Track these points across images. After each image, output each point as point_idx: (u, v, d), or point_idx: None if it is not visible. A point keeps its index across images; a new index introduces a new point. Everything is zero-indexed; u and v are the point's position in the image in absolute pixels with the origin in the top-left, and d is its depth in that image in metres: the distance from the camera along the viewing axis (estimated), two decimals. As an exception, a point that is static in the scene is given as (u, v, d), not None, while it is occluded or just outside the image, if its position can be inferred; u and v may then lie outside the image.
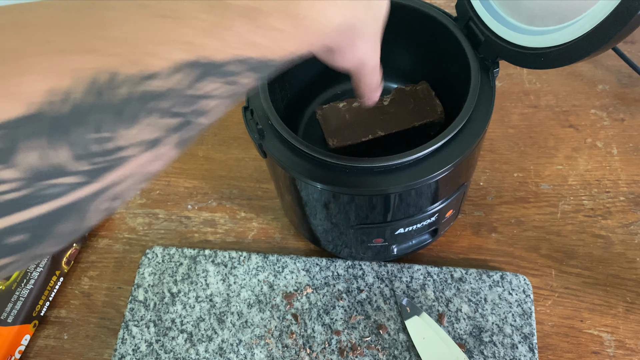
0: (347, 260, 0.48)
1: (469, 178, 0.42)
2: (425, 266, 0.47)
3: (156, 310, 0.47)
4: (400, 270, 0.47)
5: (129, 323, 0.47)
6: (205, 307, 0.47)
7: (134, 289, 0.48)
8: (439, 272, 0.46)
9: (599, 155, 0.53)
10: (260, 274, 0.48)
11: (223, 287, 0.48)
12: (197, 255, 0.49)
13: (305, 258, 0.48)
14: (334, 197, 0.36)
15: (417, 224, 0.40)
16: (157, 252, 0.50)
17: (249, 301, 0.47)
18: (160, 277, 0.49)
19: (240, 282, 0.48)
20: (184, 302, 0.47)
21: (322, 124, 0.44)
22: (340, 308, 0.46)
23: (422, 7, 0.40)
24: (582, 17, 0.29)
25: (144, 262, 0.49)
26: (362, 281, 0.47)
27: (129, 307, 0.47)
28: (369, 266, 0.47)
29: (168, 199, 0.55)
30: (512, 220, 0.50)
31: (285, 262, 0.48)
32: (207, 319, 0.46)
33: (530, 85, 0.59)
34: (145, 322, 0.47)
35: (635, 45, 0.61)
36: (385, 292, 0.46)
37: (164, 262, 0.49)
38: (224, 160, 0.57)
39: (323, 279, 0.47)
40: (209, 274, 0.48)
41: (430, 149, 0.34)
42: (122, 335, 0.46)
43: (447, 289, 0.46)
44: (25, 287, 0.47)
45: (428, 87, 0.45)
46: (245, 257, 0.49)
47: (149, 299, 0.48)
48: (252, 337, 0.45)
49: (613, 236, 0.48)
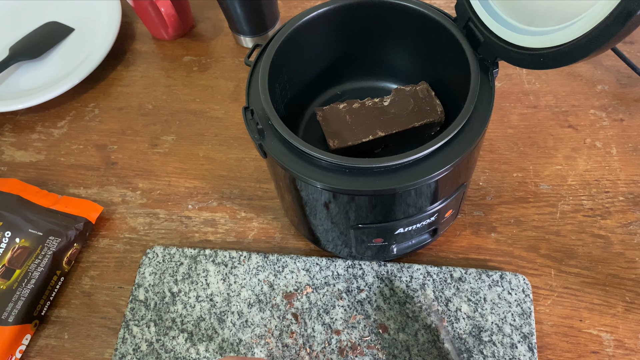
0: (347, 260, 0.48)
1: (469, 178, 0.42)
2: (425, 266, 0.47)
3: (157, 309, 0.47)
4: (400, 270, 0.47)
5: (130, 322, 0.47)
6: (206, 306, 0.47)
7: (135, 288, 0.48)
8: (439, 272, 0.46)
9: (598, 156, 0.53)
10: (260, 274, 0.48)
11: (223, 287, 0.48)
12: (197, 255, 0.49)
13: (305, 258, 0.48)
14: (334, 197, 0.36)
15: (416, 224, 0.40)
16: (158, 251, 0.50)
17: (249, 301, 0.47)
18: (161, 277, 0.49)
19: (241, 282, 0.48)
20: (185, 301, 0.47)
21: (323, 125, 0.44)
22: (340, 307, 0.46)
23: (421, 8, 0.41)
24: (581, 17, 0.29)
25: (144, 262, 0.50)
26: (362, 281, 0.47)
27: (129, 306, 0.47)
28: (368, 266, 0.47)
29: (168, 198, 0.55)
30: (512, 220, 0.50)
31: (286, 262, 0.48)
32: (207, 319, 0.46)
33: (530, 85, 0.59)
34: (146, 322, 0.47)
35: (635, 45, 0.61)
36: (385, 291, 0.46)
37: (165, 262, 0.49)
38: (225, 160, 0.57)
39: (323, 278, 0.47)
40: (209, 273, 0.48)
41: (429, 149, 0.34)
42: (123, 335, 0.46)
43: (447, 288, 0.46)
44: (26, 287, 0.47)
45: (428, 87, 0.45)
46: (246, 257, 0.49)
47: (149, 299, 0.48)
48: (252, 337, 0.45)
49: (612, 236, 0.48)
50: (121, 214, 0.54)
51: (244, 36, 0.65)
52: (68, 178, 0.57)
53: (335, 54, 0.47)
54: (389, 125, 0.43)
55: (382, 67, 0.49)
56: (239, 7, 0.60)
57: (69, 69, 0.65)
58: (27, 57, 0.66)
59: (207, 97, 0.62)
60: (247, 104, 0.39)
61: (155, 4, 0.62)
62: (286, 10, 0.69)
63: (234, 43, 0.67)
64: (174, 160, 0.58)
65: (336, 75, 0.49)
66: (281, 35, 0.40)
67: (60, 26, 0.69)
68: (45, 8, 0.71)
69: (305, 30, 0.42)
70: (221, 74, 0.64)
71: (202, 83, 0.64)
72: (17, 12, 0.71)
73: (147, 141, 0.59)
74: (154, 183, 0.56)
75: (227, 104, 0.62)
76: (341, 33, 0.45)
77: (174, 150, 0.58)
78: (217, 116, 0.61)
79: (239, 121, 0.60)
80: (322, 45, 0.45)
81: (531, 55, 0.33)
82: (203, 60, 0.66)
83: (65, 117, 0.63)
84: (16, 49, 0.66)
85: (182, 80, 0.64)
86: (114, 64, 0.67)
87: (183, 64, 0.66)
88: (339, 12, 0.42)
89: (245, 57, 0.41)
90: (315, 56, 0.46)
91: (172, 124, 0.60)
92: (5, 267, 0.48)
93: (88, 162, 0.59)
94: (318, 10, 0.42)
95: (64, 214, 0.52)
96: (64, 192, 0.56)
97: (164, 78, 0.65)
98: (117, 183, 0.57)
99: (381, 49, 0.47)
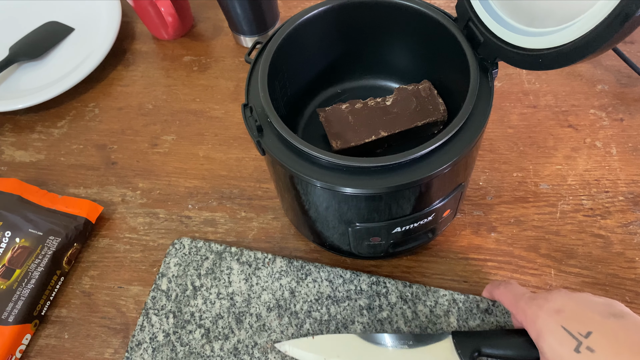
0: (371, 276, 0.46)
1: (467, 178, 0.42)
2: (452, 292, 0.45)
3: (177, 301, 0.47)
4: (425, 294, 0.45)
5: (150, 311, 0.47)
6: (226, 304, 0.47)
7: (158, 277, 0.48)
8: (465, 300, 0.45)
9: (598, 155, 0.53)
10: (283, 279, 0.47)
11: (245, 287, 0.47)
12: (223, 252, 0.49)
13: (329, 268, 0.47)
14: (331, 196, 0.36)
15: (414, 223, 0.40)
16: (185, 243, 0.50)
17: (268, 304, 0.46)
18: (185, 269, 0.49)
19: (263, 284, 0.47)
20: (205, 297, 0.47)
21: (326, 126, 0.44)
22: (360, 324, 0.44)
23: (422, 7, 0.41)
24: (580, 18, 0.29)
25: (170, 252, 0.50)
26: (384, 299, 0.45)
27: (150, 294, 0.47)
28: (393, 285, 0.46)
29: (168, 198, 0.55)
30: (512, 220, 0.50)
31: (309, 270, 0.47)
32: (225, 317, 0.46)
33: (530, 85, 0.59)
34: (165, 312, 0.47)
35: (635, 45, 0.61)
36: (408, 314, 0.45)
37: (191, 254, 0.49)
38: (225, 160, 0.57)
39: (345, 292, 0.46)
40: (232, 271, 0.48)
41: (428, 149, 0.34)
42: (142, 322, 0.46)
43: (472, 318, 0.44)
44: (26, 287, 0.47)
45: (430, 86, 0.45)
46: (270, 260, 0.48)
47: (171, 289, 0.48)
48: (267, 341, 0.44)
49: (612, 236, 0.48)
50: (121, 214, 0.54)
51: (244, 36, 0.65)
52: (68, 178, 0.58)
53: (335, 52, 0.47)
54: (391, 125, 0.43)
55: (382, 65, 0.49)
56: (239, 6, 0.60)
57: (68, 68, 0.65)
58: (27, 57, 0.66)
59: (207, 97, 0.62)
60: (246, 101, 0.39)
61: (155, 4, 0.62)
62: (286, 10, 0.69)
63: (234, 43, 0.67)
64: (174, 160, 0.58)
65: (336, 74, 0.49)
66: (282, 33, 0.40)
67: (60, 26, 0.69)
68: (45, 8, 0.71)
69: (306, 28, 0.42)
70: (221, 73, 0.64)
71: (202, 83, 0.64)
72: (17, 12, 0.71)
73: (147, 141, 0.59)
74: (154, 183, 0.56)
75: (227, 103, 0.62)
76: (342, 31, 0.45)
77: (174, 150, 0.58)
78: (217, 116, 0.61)
79: (239, 121, 0.60)
80: (323, 43, 0.45)
81: (530, 56, 0.33)
82: (203, 60, 0.66)
83: (65, 117, 0.63)
84: (16, 49, 0.66)
85: (182, 80, 0.64)
86: (114, 63, 0.67)
87: (183, 64, 0.66)
88: (339, 11, 0.42)
89: (246, 54, 0.41)
90: (315, 54, 0.46)
91: (172, 124, 0.61)
92: (5, 266, 0.48)
93: (88, 162, 0.59)
94: (319, 8, 0.42)
95: (64, 213, 0.52)
96: (64, 192, 0.56)
97: (164, 78, 0.65)
98: (117, 183, 0.57)
99: (381, 47, 0.47)
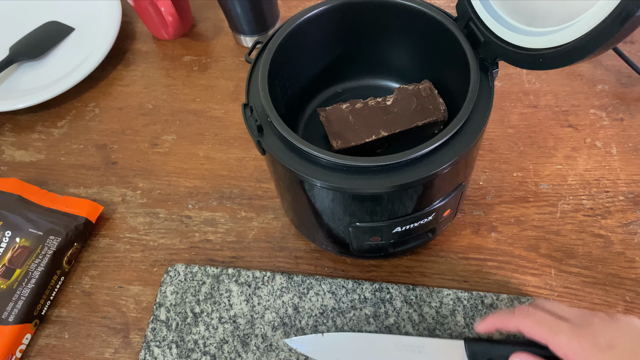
0: (373, 283, 0.46)
1: (467, 178, 0.42)
2: (455, 291, 0.45)
3: (178, 330, 0.46)
4: (429, 295, 0.45)
5: (151, 344, 0.45)
6: (229, 328, 0.45)
7: (156, 308, 0.47)
8: (469, 298, 0.45)
9: (598, 155, 0.53)
10: (284, 295, 0.46)
11: (247, 308, 0.46)
12: (220, 274, 0.48)
13: (331, 280, 0.47)
14: (331, 195, 0.36)
15: (414, 223, 0.40)
16: (180, 269, 0.49)
17: (273, 323, 0.45)
18: (183, 296, 0.47)
19: (265, 303, 0.46)
20: (207, 322, 0.46)
21: (326, 125, 0.44)
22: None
23: (422, 7, 0.41)
24: (581, 18, 0.29)
25: (165, 280, 0.48)
26: (389, 305, 0.45)
27: (150, 326, 0.46)
28: (396, 290, 0.46)
29: (169, 198, 0.55)
30: (512, 219, 0.50)
31: (311, 284, 0.47)
32: (230, 341, 0.45)
33: (530, 85, 0.59)
34: (167, 343, 0.45)
35: (635, 45, 0.61)
36: (414, 317, 0.45)
37: (187, 281, 0.48)
38: (225, 159, 0.57)
39: (349, 302, 0.46)
40: (232, 293, 0.47)
41: (427, 148, 0.34)
42: (144, 357, 0.45)
43: (478, 315, 0.44)
44: (26, 287, 0.47)
45: (431, 86, 0.45)
46: (270, 277, 0.47)
47: (171, 319, 0.46)
48: None
49: (612, 236, 0.48)
50: (121, 214, 0.54)
51: (244, 36, 0.65)
52: (68, 178, 0.58)
53: (336, 52, 0.47)
54: (392, 124, 0.43)
55: (382, 65, 0.49)
56: (239, 6, 0.60)
57: (69, 68, 0.65)
58: (28, 56, 0.66)
59: (207, 96, 0.62)
60: (246, 101, 0.39)
61: (155, 3, 0.62)
62: (286, 10, 0.69)
63: (234, 43, 0.67)
64: (174, 160, 0.58)
65: (337, 74, 0.49)
66: (282, 33, 0.40)
67: (61, 26, 0.69)
68: (45, 8, 0.71)
69: (306, 28, 0.42)
70: (221, 73, 0.64)
71: (202, 83, 0.64)
72: (17, 12, 0.71)
73: (147, 141, 0.59)
74: (154, 183, 0.56)
75: (227, 103, 0.62)
76: (342, 31, 0.45)
77: (174, 150, 0.58)
78: (217, 116, 0.61)
79: (239, 121, 0.60)
80: (323, 43, 0.45)
81: (530, 56, 0.33)
82: (203, 60, 0.66)
83: (65, 117, 0.63)
84: (16, 49, 0.66)
85: (182, 80, 0.64)
86: (114, 63, 0.67)
87: (183, 64, 0.66)
88: (339, 10, 0.42)
89: (246, 54, 0.41)
90: (316, 54, 0.46)
91: (172, 124, 0.61)
92: (5, 266, 0.48)
93: (88, 161, 0.59)
94: (319, 8, 0.42)
95: (64, 213, 0.52)
96: (64, 191, 0.56)
97: (164, 78, 0.65)
98: (117, 183, 0.57)
99: (381, 47, 0.47)
